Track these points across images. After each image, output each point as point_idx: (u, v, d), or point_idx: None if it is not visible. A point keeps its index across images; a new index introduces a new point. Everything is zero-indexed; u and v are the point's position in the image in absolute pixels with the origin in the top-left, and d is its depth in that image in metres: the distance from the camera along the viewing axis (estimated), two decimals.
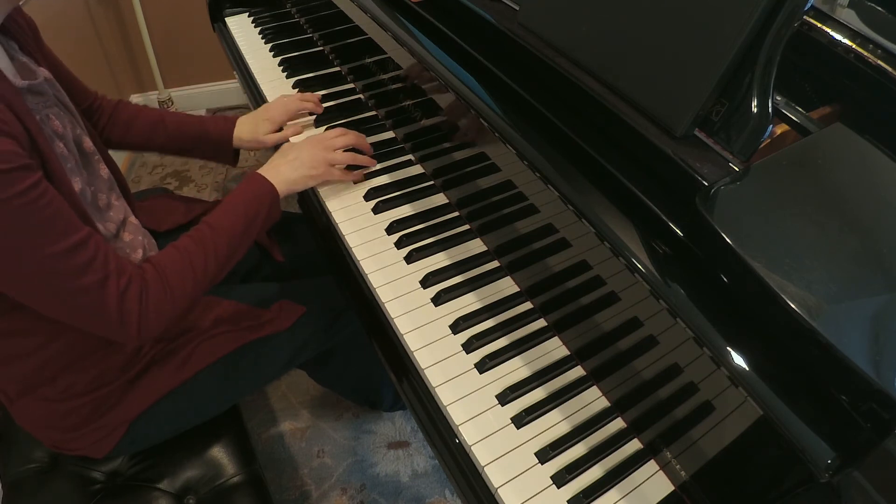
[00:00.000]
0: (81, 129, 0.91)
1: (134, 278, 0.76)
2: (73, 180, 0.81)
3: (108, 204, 0.93)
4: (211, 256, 0.84)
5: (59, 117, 0.84)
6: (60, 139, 0.82)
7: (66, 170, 0.79)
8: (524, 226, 0.85)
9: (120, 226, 0.94)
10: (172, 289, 0.80)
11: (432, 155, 1.06)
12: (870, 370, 0.48)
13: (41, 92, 0.81)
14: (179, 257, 0.82)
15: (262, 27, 1.54)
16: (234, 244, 0.87)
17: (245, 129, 1.15)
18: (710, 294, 0.58)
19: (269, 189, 0.93)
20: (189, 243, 0.84)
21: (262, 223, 0.92)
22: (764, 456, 0.58)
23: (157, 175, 2.31)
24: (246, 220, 0.89)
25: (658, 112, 0.65)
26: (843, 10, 0.74)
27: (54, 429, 0.90)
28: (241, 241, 0.89)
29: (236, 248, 0.88)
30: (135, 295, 0.76)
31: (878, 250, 0.56)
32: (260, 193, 0.92)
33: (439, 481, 1.43)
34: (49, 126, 0.80)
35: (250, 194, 0.92)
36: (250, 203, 0.91)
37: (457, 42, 0.87)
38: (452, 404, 0.76)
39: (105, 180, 0.94)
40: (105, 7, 2.22)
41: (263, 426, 1.54)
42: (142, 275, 0.78)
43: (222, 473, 0.99)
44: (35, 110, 0.78)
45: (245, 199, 0.91)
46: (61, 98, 0.88)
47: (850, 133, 0.64)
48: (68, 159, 0.82)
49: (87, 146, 0.91)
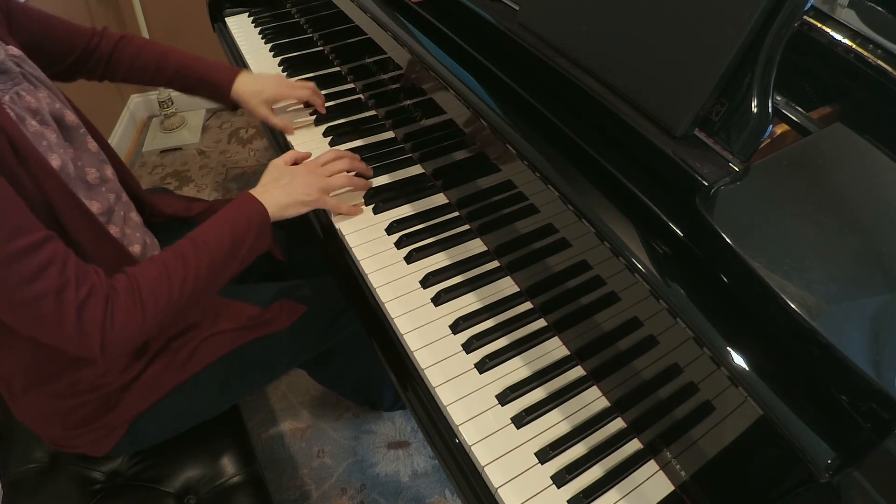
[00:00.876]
0: (62, 102, 0.88)
1: (97, 289, 0.71)
2: (51, 157, 0.77)
3: (100, 177, 0.89)
4: (191, 273, 0.79)
5: (31, 92, 0.80)
6: (34, 115, 0.78)
7: (42, 147, 0.76)
8: (524, 226, 0.85)
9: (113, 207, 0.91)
10: (144, 302, 0.75)
11: (432, 155, 1.06)
12: (870, 370, 0.48)
13: (6, 70, 0.77)
14: (156, 270, 0.78)
15: (262, 27, 1.54)
16: (216, 265, 0.83)
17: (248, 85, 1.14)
18: (710, 294, 0.58)
19: (260, 211, 0.89)
20: (169, 257, 0.80)
21: (250, 246, 0.87)
22: (764, 456, 0.58)
23: (157, 175, 2.31)
24: (232, 240, 0.85)
25: (658, 112, 0.65)
26: (843, 10, 0.74)
27: (56, 425, 0.90)
28: (225, 262, 0.84)
29: (219, 270, 0.84)
30: (97, 306, 0.71)
31: (878, 250, 0.56)
32: (249, 215, 0.88)
33: (439, 481, 1.43)
34: (20, 104, 0.77)
35: (239, 214, 0.88)
36: (238, 223, 0.86)
37: (457, 42, 0.87)
38: (452, 404, 0.76)
39: (94, 154, 0.91)
40: (105, 7, 2.22)
41: (263, 426, 1.54)
42: (111, 285, 0.73)
43: (222, 473, 0.99)
44: (2, 90, 0.75)
45: (233, 218, 0.87)
46: (36, 75, 0.84)
47: (850, 133, 0.64)
48: (44, 136, 0.79)
49: (70, 120, 0.87)
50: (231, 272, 0.86)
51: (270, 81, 1.16)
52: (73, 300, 0.69)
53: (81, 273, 0.71)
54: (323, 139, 1.16)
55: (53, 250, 0.69)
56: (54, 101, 0.85)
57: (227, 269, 0.85)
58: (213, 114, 2.58)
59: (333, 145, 1.14)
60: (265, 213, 0.90)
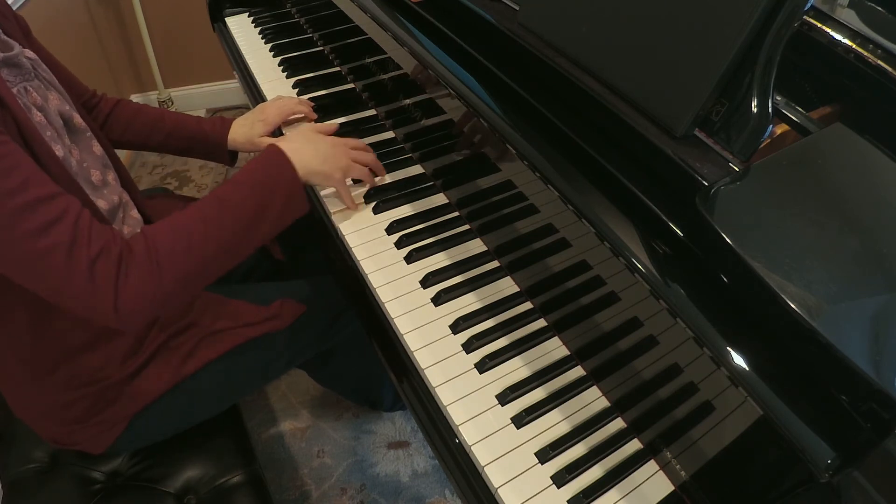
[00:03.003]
0: (71, 106, 0.88)
1: (111, 246, 0.69)
2: (55, 147, 0.77)
3: (103, 181, 0.90)
4: (212, 233, 0.75)
5: (40, 90, 0.81)
6: (40, 110, 0.79)
7: (46, 137, 0.76)
8: (524, 226, 0.85)
9: (117, 208, 0.91)
10: (161, 265, 0.71)
11: (432, 155, 1.06)
12: (870, 370, 0.48)
13: (17, 64, 0.78)
14: (175, 230, 0.74)
15: (262, 27, 1.54)
16: (240, 226, 0.78)
17: (240, 131, 1.14)
18: (710, 294, 0.58)
19: (289, 169, 0.83)
20: (190, 216, 0.75)
21: (279, 213, 0.81)
22: (764, 456, 0.58)
23: (157, 175, 2.31)
24: (257, 202, 0.79)
25: (658, 112, 0.65)
26: (843, 10, 0.74)
27: (54, 421, 0.90)
28: (249, 223, 0.79)
29: (243, 233, 0.79)
30: (110, 265, 0.68)
31: (878, 250, 0.56)
32: (278, 175, 0.82)
33: (439, 481, 1.43)
34: (26, 97, 0.77)
35: (266, 174, 0.82)
36: (266, 181, 0.81)
37: (457, 42, 0.87)
38: (452, 404, 0.76)
39: (98, 157, 0.91)
40: (105, 7, 2.22)
41: (263, 426, 1.54)
42: (126, 244, 0.70)
43: (222, 473, 0.99)
44: (11, 82, 0.75)
45: (260, 177, 0.81)
46: (46, 76, 0.85)
47: (850, 133, 0.64)
48: (47, 128, 0.78)
49: (78, 122, 0.87)
50: (260, 236, 0.82)
51: (256, 118, 1.14)
52: (85, 256, 0.67)
53: (96, 230, 0.69)
54: None
55: (67, 204, 0.68)
56: (63, 104, 0.86)
57: (252, 234, 0.81)
58: (212, 114, 2.58)
59: None
60: (295, 175, 0.85)
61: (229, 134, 1.14)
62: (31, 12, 1.74)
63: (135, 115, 1.12)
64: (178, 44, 2.36)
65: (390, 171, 1.08)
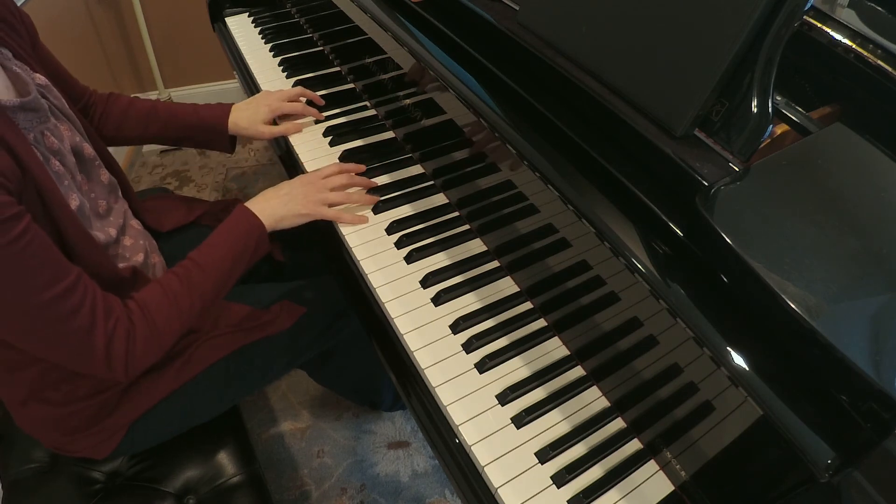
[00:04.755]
0: (81, 135, 0.89)
1: (121, 320, 0.76)
2: (71, 197, 0.79)
3: (108, 209, 0.92)
4: (196, 296, 0.83)
5: (55, 130, 0.81)
6: (56, 156, 0.79)
7: (63, 188, 0.78)
8: (524, 226, 0.85)
9: (120, 230, 0.93)
10: (160, 331, 0.79)
11: (432, 155, 1.06)
12: (870, 370, 0.48)
13: (35, 108, 0.78)
14: (165, 299, 0.81)
15: (262, 27, 1.54)
16: (220, 282, 0.86)
17: (243, 115, 1.13)
18: (710, 294, 0.58)
19: (257, 225, 0.91)
20: (175, 284, 0.82)
21: (250, 259, 0.90)
22: (764, 456, 0.58)
23: (157, 175, 2.31)
24: (233, 258, 0.88)
25: (658, 112, 0.65)
26: (843, 10, 0.75)
27: (55, 431, 0.90)
28: (227, 277, 0.88)
29: (223, 286, 0.87)
30: (122, 337, 0.75)
31: (878, 250, 0.56)
32: (248, 230, 0.91)
33: (439, 481, 1.43)
34: (44, 144, 0.78)
35: (238, 231, 0.90)
36: (238, 240, 0.89)
37: (457, 42, 0.87)
38: (452, 404, 0.76)
39: (105, 185, 0.93)
40: (105, 7, 2.22)
41: (263, 426, 1.54)
42: (129, 318, 0.77)
43: (222, 473, 0.99)
44: (28, 129, 0.76)
45: (233, 236, 0.89)
46: (59, 106, 0.86)
47: (850, 133, 0.64)
48: (65, 176, 0.80)
49: (88, 153, 0.89)
50: (233, 282, 0.90)
51: (260, 102, 1.14)
52: (103, 334, 0.73)
53: (107, 307, 0.75)
54: (323, 139, 1.16)
55: (84, 290, 0.73)
56: (74, 134, 0.87)
57: (230, 283, 0.89)
58: None
59: (333, 145, 1.14)
60: (262, 227, 0.92)
61: (230, 118, 1.13)
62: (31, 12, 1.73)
63: (127, 108, 1.10)
64: (178, 44, 2.36)
65: (390, 171, 1.09)
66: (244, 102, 1.15)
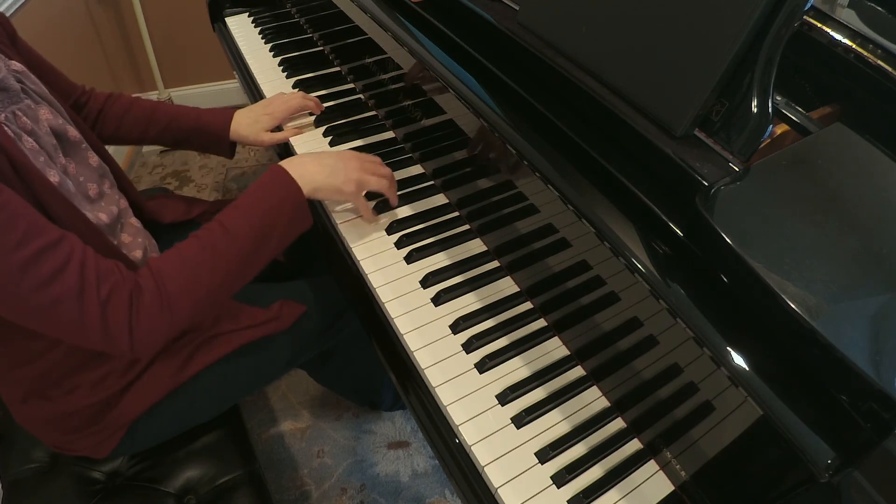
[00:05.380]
0: (64, 118, 0.86)
1: (121, 285, 0.69)
2: (49, 173, 0.75)
3: (100, 193, 0.89)
4: (220, 265, 0.75)
5: (29, 111, 0.78)
6: (30, 135, 0.77)
7: (39, 164, 0.74)
8: (524, 226, 0.85)
9: (117, 218, 0.90)
10: (171, 301, 0.71)
11: (432, 155, 1.06)
12: (870, 370, 0.48)
13: (5, 88, 0.76)
14: (183, 265, 0.74)
15: (262, 27, 1.54)
16: (247, 253, 0.78)
17: (244, 122, 1.12)
18: (710, 294, 0.58)
19: (295, 190, 0.83)
20: (196, 249, 0.75)
21: (284, 229, 0.81)
22: (764, 456, 0.58)
23: (157, 175, 2.31)
24: (264, 226, 0.79)
25: (658, 112, 0.65)
26: (843, 10, 0.75)
27: (56, 430, 0.90)
28: (255, 249, 0.79)
29: (251, 259, 0.78)
30: (122, 304, 0.68)
31: (878, 250, 0.56)
32: (284, 196, 0.82)
33: (439, 481, 1.43)
34: (15, 123, 0.75)
35: (272, 195, 0.81)
36: (272, 206, 0.81)
37: (457, 42, 0.87)
38: (452, 404, 0.76)
39: (94, 168, 0.89)
40: (105, 7, 2.22)
41: (263, 426, 1.54)
42: (134, 281, 0.70)
43: (222, 473, 0.99)
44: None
45: (266, 199, 0.81)
46: (37, 91, 0.83)
47: (850, 133, 0.64)
48: (39, 153, 0.76)
49: (73, 135, 0.86)
50: (266, 258, 0.82)
51: (261, 110, 1.14)
52: (95, 301, 0.67)
53: (103, 270, 0.69)
54: (323, 139, 1.16)
55: (70, 251, 0.67)
56: (56, 118, 0.84)
57: (259, 255, 0.80)
58: None
59: (334, 146, 1.14)
60: (300, 194, 0.84)
61: (232, 125, 1.13)
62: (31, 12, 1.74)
63: (127, 108, 1.10)
64: (178, 44, 2.36)
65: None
66: (246, 109, 1.15)
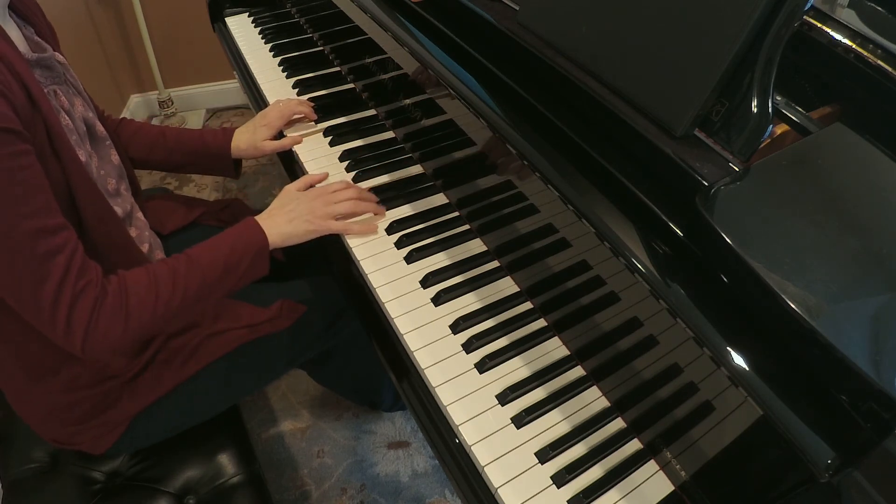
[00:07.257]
0: (94, 114, 0.92)
1: (93, 284, 0.73)
2: (78, 151, 0.80)
3: (116, 190, 0.93)
4: (179, 290, 0.81)
5: (67, 95, 0.84)
6: (66, 114, 0.82)
7: (72, 141, 0.79)
8: (524, 226, 0.85)
9: (127, 216, 0.94)
10: (129, 311, 0.76)
11: (432, 155, 1.06)
12: (870, 370, 0.48)
13: (50, 66, 0.81)
14: (147, 282, 0.79)
15: (262, 27, 1.54)
16: (207, 284, 0.84)
17: (243, 138, 1.15)
18: (710, 294, 0.58)
19: (260, 238, 0.90)
20: (162, 271, 0.81)
21: (244, 272, 0.88)
22: (764, 456, 0.58)
23: (157, 175, 2.31)
24: (227, 264, 0.86)
25: (658, 112, 0.65)
26: (843, 10, 0.75)
27: (56, 421, 0.90)
28: (216, 283, 0.85)
29: (209, 290, 0.84)
30: (88, 302, 0.73)
31: (878, 250, 0.56)
32: (249, 241, 0.89)
33: (439, 481, 1.43)
34: (55, 100, 0.80)
35: (239, 239, 0.89)
36: (236, 248, 0.87)
37: (457, 42, 0.87)
38: (452, 404, 0.76)
39: (115, 167, 0.95)
40: (105, 7, 2.22)
41: (263, 426, 1.54)
42: (102, 289, 0.75)
43: (222, 473, 0.99)
44: (42, 83, 0.78)
45: (232, 242, 0.88)
46: (73, 82, 0.88)
47: (850, 133, 0.64)
48: (73, 132, 0.81)
49: (100, 130, 0.91)
50: (221, 293, 0.87)
51: (258, 123, 1.15)
52: (70, 292, 0.71)
53: (84, 266, 0.73)
54: (323, 139, 1.16)
55: (67, 237, 0.71)
56: (87, 110, 0.89)
57: (216, 290, 0.86)
58: (212, 114, 2.58)
59: (333, 145, 1.14)
60: (265, 243, 0.90)
61: (232, 142, 1.14)
62: None
63: (135, 133, 1.12)
64: (178, 44, 2.36)
65: (390, 171, 1.09)
66: (244, 126, 1.17)
